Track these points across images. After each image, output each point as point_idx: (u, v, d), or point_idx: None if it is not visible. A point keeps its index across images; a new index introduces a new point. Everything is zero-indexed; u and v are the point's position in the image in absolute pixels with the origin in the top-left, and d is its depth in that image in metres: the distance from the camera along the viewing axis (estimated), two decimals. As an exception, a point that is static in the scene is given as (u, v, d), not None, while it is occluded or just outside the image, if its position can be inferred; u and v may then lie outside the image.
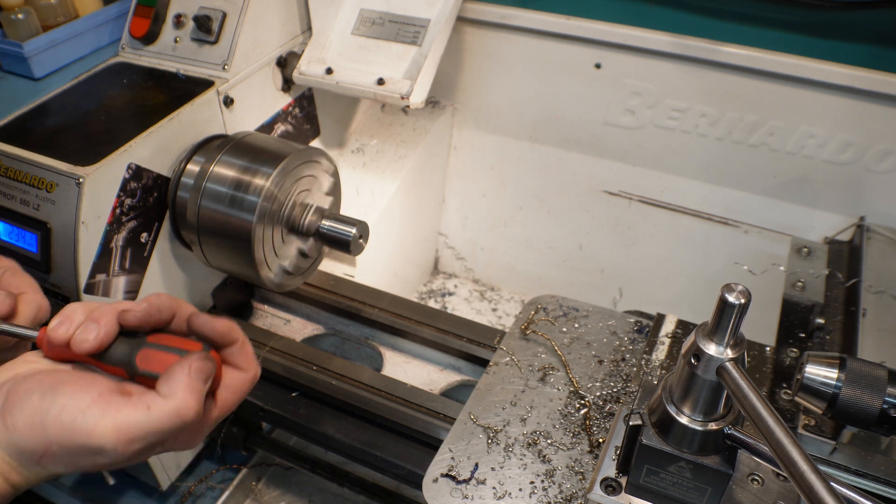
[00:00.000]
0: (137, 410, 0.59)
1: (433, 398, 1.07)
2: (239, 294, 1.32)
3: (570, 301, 1.15)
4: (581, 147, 1.58)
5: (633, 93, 1.45)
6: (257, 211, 1.01)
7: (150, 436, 0.59)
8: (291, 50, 1.31)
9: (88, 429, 0.58)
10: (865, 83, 1.23)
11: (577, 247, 1.71)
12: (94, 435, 0.58)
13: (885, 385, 0.69)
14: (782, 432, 0.57)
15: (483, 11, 1.48)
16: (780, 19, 1.29)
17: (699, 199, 1.52)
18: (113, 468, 0.63)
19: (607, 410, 0.98)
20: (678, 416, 0.69)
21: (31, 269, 1.00)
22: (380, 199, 1.50)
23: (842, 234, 1.35)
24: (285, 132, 1.35)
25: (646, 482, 0.74)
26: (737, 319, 0.63)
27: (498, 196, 1.75)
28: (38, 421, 0.59)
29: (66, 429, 0.58)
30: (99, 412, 0.58)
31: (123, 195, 1.00)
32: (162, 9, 1.20)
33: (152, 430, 0.59)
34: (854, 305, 1.07)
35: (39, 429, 0.59)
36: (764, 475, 0.77)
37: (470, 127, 1.69)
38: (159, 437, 0.60)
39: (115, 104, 1.10)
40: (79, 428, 0.58)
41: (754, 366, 1.04)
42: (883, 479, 0.83)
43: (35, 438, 0.59)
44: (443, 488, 0.88)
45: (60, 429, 0.58)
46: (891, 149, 1.29)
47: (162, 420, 0.59)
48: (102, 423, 0.58)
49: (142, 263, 1.07)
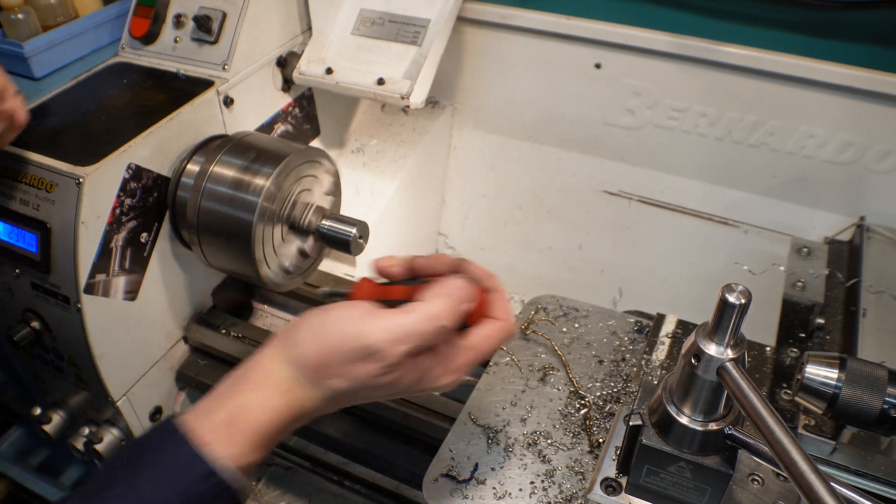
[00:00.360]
0: (400, 315, 0.68)
1: (433, 398, 1.07)
2: (239, 294, 1.32)
3: (570, 301, 1.15)
4: (581, 147, 1.58)
5: (633, 93, 1.45)
6: (257, 211, 1.01)
7: (412, 336, 0.67)
8: (291, 50, 1.31)
9: (362, 332, 0.67)
10: (865, 83, 1.23)
11: (576, 247, 1.71)
12: (366, 336, 0.66)
13: (885, 385, 0.69)
14: (782, 432, 0.58)
15: (483, 11, 1.48)
16: (780, 19, 1.29)
17: (699, 199, 1.52)
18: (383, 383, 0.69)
19: (607, 410, 0.98)
20: (678, 417, 0.69)
21: (31, 269, 1.00)
22: (380, 199, 1.50)
23: (842, 234, 1.35)
24: (285, 132, 1.35)
25: (646, 482, 0.74)
26: (737, 319, 0.63)
27: (498, 196, 1.75)
28: (318, 332, 0.68)
29: (343, 334, 0.67)
30: (370, 319, 0.67)
31: (123, 195, 1.00)
32: (162, 9, 1.20)
33: (413, 331, 0.67)
34: (854, 305, 1.07)
35: (319, 339, 0.68)
36: (764, 475, 0.77)
37: (470, 127, 1.69)
38: (420, 339, 0.67)
39: (114, 104, 1.10)
40: (353, 332, 0.67)
41: (754, 366, 1.04)
42: (883, 479, 0.83)
43: (315, 349, 0.68)
44: (443, 488, 0.88)
45: (339, 335, 0.67)
46: (891, 149, 1.29)
47: (419, 321, 0.67)
48: (372, 326, 0.67)
49: (142, 263, 1.07)
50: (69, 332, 1.03)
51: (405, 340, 0.67)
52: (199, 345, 1.22)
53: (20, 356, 1.16)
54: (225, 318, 1.23)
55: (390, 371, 0.68)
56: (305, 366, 0.69)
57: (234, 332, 1.21)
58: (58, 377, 1.13)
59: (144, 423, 1.18)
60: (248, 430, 0.67)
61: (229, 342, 1.19)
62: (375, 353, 0.67)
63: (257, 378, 0.70)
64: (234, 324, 1.22)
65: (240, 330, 1.21)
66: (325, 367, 0.68)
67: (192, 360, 1.23)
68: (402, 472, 1.07)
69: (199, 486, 0.64)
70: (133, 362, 1.12)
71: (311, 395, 0.70)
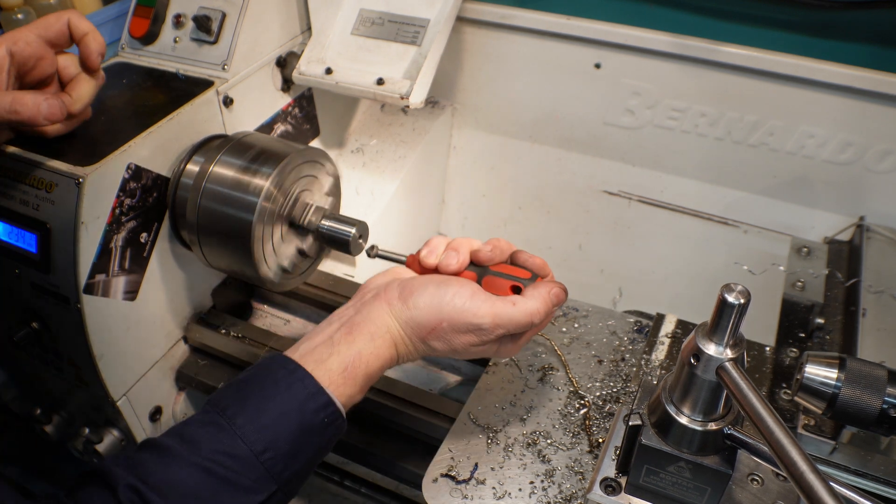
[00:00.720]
0: (507, 304, 0.81)
1: (433, 398, 1.07)
2: (239, 294, 1.32)
3: (569, 301, 1.15)
4: (581, 147, 1.58)
5: (633, 93, 1.45)
6: (257, 211, 1.01)
7: (510, 324, 0.81)
8: (291, 50, 1.31)
9: (474, 310, 0.80)
10: (865, 83, 1.23)
11: (576, 247, 1.71)
12: (477, 315, 0.80)
13: (884, 385, 0.69)
14: (782, 432, 0.58)
15: (483, 11, 1.48)
16: (780, 19, 1.29)
17: (699, 199, 1.52)
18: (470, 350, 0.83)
19: (607, 410, 0.98)
20: (678, 416, 0.69)
21: (31, 269, 1.00)
22: (380, 199, 1.50)
23: (842, 234, 1.35)
24: (285, 132, 1.35)
25: (645, 482, 0.74)
26: (736, 319, 0.63)
27: (498, 196, 1.75)
28: (435, 302, 0.81)
29: (456, 309, 0.80)
30: (480, 301, 0.81)
31: (123, 195, 1.00)
32: (161, 9, 1.20)
33: (514, 321, 0.81)
34: (854, 305, 1.07)
35: (436, 308, 0.81)
36: (764, 475, 0.77)
37: (470, 127, 1.69)
38: (514, 328, 0.81)
39: (114, 104, 1.10)
40: (467, 309, 0.80)
41: (754, 366, 1.04)
42: (883, 479, 0.83)
43: (431, 315, 0.81)
44: (442, 488, 0.88)
45: (452, 309, 0.81)
46: (891, 149, 1.29)
47: (521, 314, 0.81)
48: (483, 308, 0.80)
49: (141, 263, 1.07)
50: (69, 332, 1.03)
51: (504, 326, 0.81)
52: (198, 345, 1.22)
53: (20, 356, 1.16)
54: (225, 318, 1.23)
55: (482, 344, 0.82)
56: (419, 326, 0.82)
57: (233, 332, 1.21)
58: (58, 377, 1.13)
59: (144, 423, 1.18)
60: (360, 375, 0.80)
61: (229, 342, 1.19)
62: (479, 330, 0.81)
63: (373, 330, 0.82)
64: (233, 324, 1.22)
65: (240, 330, 1.21)
66: (434, 331, 0.82)
67: (191, 360, 1.23)
68: (402, 472, 1.07)
69: (319, 414, 0.77)
70: (133, 362, 1.12)
71: (412, 350, 0.84)
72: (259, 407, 0.75)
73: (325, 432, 0.78)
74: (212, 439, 0.73)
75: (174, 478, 0.71)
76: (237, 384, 0.79)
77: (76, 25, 0.94)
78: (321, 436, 0.77)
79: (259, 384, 0.77)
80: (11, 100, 0.87)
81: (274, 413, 0.75)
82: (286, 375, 0.77)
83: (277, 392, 0.76)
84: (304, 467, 0.77)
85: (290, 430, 0.75)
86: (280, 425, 0.75)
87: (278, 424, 0.75)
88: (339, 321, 0.85)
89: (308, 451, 0.77)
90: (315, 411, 0.76)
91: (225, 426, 0.74)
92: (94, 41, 0.94)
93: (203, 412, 0.77)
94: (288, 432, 0.75)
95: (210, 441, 0.73)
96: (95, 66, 0.96)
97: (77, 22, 0.94)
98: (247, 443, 0.73)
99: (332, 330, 0.83)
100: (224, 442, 0.73)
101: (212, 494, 0.71)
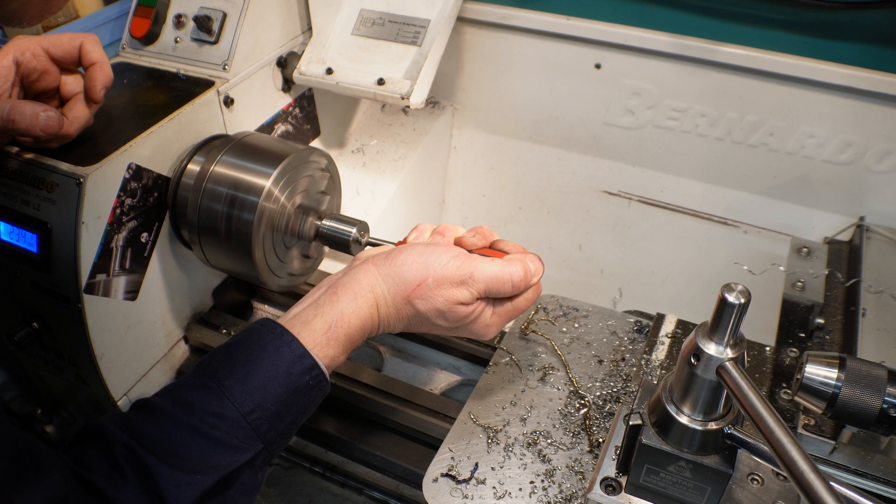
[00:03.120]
0: (487, 262, 0.85)
1: (433, 398, 1.07)
2: (239, 294, 1.32)
3: (569, 301, 1.15)
4: (581, 147, 1.59)
5: (633, 93, 1.45)
6: (257, 211, 1.01)
7: (491, 281, 0.84)
8: (291, 50, 1.31)
9: (458, 265, 0.84)
10: (865, 83, 1.23)
11: (576, 247, 1.71)
12: (461, 270, 0.84)
13: (884, 385, 0.69)
14: (782, 432, 0.58)
15: (483, 11, 1.48)
16: (780, 19, 1.29)
17: (699, 200, 1.52)
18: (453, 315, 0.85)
19: (607, 410, 0.98)
20: (678, 416, 0.69)
21: (31, 269, 1.00)
22: (380, 199, 1.50)
23: (841, 234, 1.36)
24: (285, 132, 1.35)
25: (646, 482, 0.74)
26: (736, 319, 0.63)
27: (498, 196, 1.75)
28: (422, 259, 0.85)
29: (442, 265, 0.84)
30: (464, 259, 0.85)
31: (124, 195, 1.00)
32: (162, 9, 1.21)
33: (494, 277, 0.84)
34: (854, 305, 1.07)
35: (423, 264, 0.84)
36: (764, 475, 0.78)
37: (470, 127, 1.69)
38: (495, 285, 0.84)
39: (115, 104, 1.10)
40: (451, 265, 0.84)
41: (754, 366, 1.04)
42: (883, 478, 0.83)
43: (418, 270, 0.84)
44: (443, 488, 0.88)
45: (438, 265, 0.84)
46: (891, 149, 1.29)
47: (500, 272, 0.84)
48: (467, 264, 0.84)
49: (142, 263, 1.07)
50: (70, 331, 1.03)
51: (485, 281, 0.84)
52: (199, 345, 1.22)
53: (21, 356, 1.16)
54: (225, 318, 1.23)
55: (465, 304, 0.84)
56: (404, 282, 0.84)
57: (234, 332, 1.21)
58: (58, 377, 1.13)
59: (145, 422, 1.18)
60: (342, 335, 0.82)
61: (229, 342, 1.19)
62: (464, 284, 0.84)
63: (356, 289, 0.84)
64: (234, 324, 1.22)
65: (240, 330, 1.21)
66: (420, 287, 0.84)
67: (192, 359, 1.23)
68: (402, 472, 1.07)
69: (305, 377, 0.79)
70: (133, 362, 1.12)
71: (394, 312, 0.86)
72: (247, 370, 0.78)
73: (310, 393, 0.81)
74: (202, 401, 0.76)
75: (166, 437, 0.74)
76: (227, 348, 0.81)
77: (87, 52, 0.94)
78: (306, 397, 0.80)
79: (247, 348, 0.80)
80: (10, 108, 0.87)
81: (261, 376, 0.78)
82: (273, 339, 0.80)
83: (265, 355, 0.79)
84: (288, 427, 0.80)
85: (276, 392, 0.78)
86: (267, 387, 0.77)
87: (266, 386, 0.77)
88: (327, 284, 0.88)
89: (293, 411, 0.80)
90: (301, 374, 0.79)
91: (215, 388, 0.77)
92: (102, 72, 0.95)
93: (194, 375, 0.80)
94: (275, 394, 0.78)
95: (201, 402, 0.76)
96: (98, 98, 0.96)
97: (90, 48, 0.94)
98: (235, 404, 0.76)
99: (319, 293, 0.87)
100: (214, 403, 0.76)
101: (202, 453, 0.74)
